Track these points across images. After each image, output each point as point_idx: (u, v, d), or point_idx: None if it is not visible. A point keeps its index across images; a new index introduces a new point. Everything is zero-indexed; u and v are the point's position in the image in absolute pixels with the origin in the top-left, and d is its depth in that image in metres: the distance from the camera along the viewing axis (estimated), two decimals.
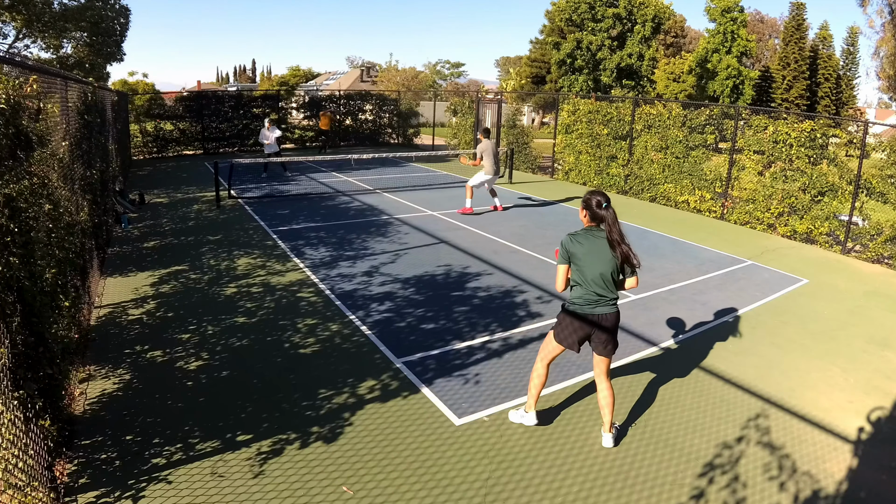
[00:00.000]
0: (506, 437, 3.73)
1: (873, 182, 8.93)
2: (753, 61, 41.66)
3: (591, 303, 3.48)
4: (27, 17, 13.11)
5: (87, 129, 6.23)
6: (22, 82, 3.30)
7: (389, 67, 50.72)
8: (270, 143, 13.92)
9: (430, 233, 9.03)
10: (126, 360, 4.55)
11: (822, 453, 3.73)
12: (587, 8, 31.12)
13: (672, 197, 12.12)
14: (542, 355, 3.75)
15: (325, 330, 5.26)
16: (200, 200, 11.24)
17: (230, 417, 3.81)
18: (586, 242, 3.46)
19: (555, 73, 34.47)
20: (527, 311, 5.87)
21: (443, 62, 49.67)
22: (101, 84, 11.54)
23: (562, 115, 15.23)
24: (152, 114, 18.47)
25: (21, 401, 2.67)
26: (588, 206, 3.48)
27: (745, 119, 11.02)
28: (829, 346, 5.41)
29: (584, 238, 3.48)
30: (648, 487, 3.32)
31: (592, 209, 3.46)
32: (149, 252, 7.62)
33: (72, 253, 4.29)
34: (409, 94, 28.16)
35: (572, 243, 3.49)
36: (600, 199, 3.43)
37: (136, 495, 3.05)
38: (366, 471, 3.35)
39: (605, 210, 3.42)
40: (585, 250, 3.45)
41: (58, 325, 3.50)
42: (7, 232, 2.73)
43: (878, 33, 26.65)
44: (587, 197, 3.50)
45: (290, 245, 8.09)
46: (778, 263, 8.19)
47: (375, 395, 4.17)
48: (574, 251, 3.48)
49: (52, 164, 3.98)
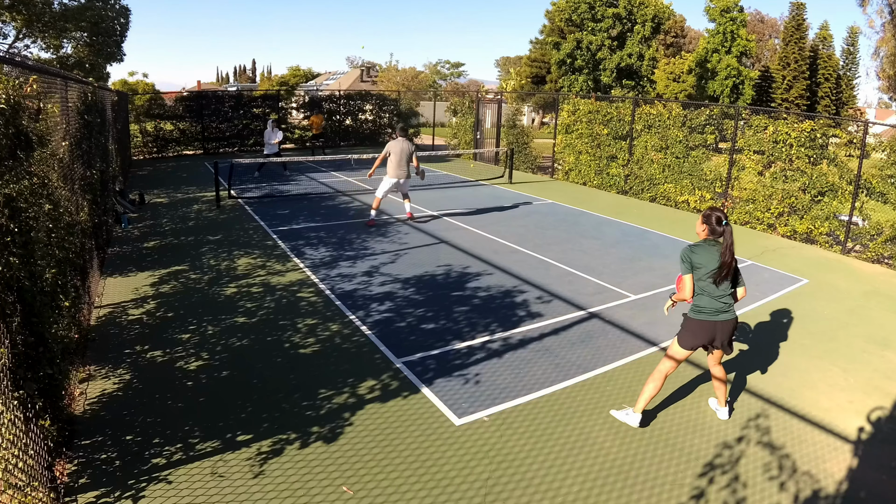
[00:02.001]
0: (506, 437, 3.73)
1: (873, 182, 8.93)
2: (753, 61, 41.65)
3: (716, 311, 3.75)
4: (27, 17, 13.11)
5: (87, 129, 6.23)
6: (22, 82, 3.30)
7: (389, 67, 50.69)
8: (272, 145, 13.91)
9: (430, 233, 9.03)
10: (126, 360, 4.55)
11: (822, 453, 3.73)
12: (587, 8, 31.11)
13: (672, 197, 12.12)
14: (664, 367, 3.90)
15: (325, 330, 5.26)
16: (200, 200, 11.24)
17: (230, 417, 3.81)
18: (707, 254, 3.73)
19: (555, 73, 34.46)
20: (527, 311, 5.87)
21: (443, 62, 49.67)
22: (101, 84, 11.54)
23: (562, 115, 15.23)
24: (152, 114, 18.45)
25: (21, 401, 2.67)
26: (708, 221, 3.76)
27: (745, 119, 11.01)
28: (829, 346, 5.41)
29: (705, 250, 3.75)
30: (648, 487, 3.32)
31: (712, 224, 3.74)
32: (149, 252, 7.62)
33: (72, 253, 4.29)
34: (409, 94, 28.15)
35: (694, 254, 3.76)
36: (720, 216, 3.72)
37: (136, 495, 3.05)
38: (366, 471, 3.35)
39: (724, 226, 3.70)
40: (707, 262, 3.72)
41: (58, 325, 3.50)
42: (7, 232, 2.73)
43: (878, 33, 26.67)
44: (707, 213, 3.78)
45: (290, 245, 8.09)
46: (778, 263, 8.19)
47: (375, 395, 4.17)
48: (697, 262, 3.74)
49: (52, 164, 3.98)
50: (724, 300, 3.74)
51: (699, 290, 3.76)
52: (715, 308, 3.73)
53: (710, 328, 3.76)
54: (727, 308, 3.76)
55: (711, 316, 3.74)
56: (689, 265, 3.75)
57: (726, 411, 4.13)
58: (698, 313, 3.78)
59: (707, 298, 3.74)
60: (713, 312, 3.74)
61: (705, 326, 3.76)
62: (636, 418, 3.94)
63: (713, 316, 3.74)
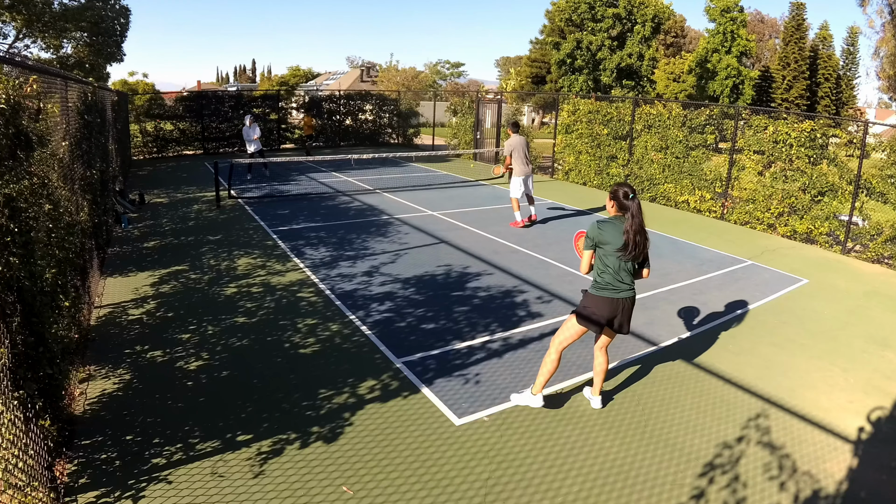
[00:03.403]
0: (506, 437, 3.73)
1: (873, 182, 8.93)
2: (753, 61, 41.66)
3: (616, 288, 3.75)
4: (27, 17, 13.11)
5: (87, 129, 6.23)
6: (22, 82, 3.30)
7: (389, 67, 50.66)
8: (253, 141, 13.73)
9: (430, 233, 9.03)
10: (126, 360, 4.55)
11: (822, 453, 3.73)
12: (587, 8, 31.11)
13: (672, 197, 12.12)
14: (559, 341, 3.89)
15: (325, 330, 5.26)
16: (200, 200, 11.24)
17: (230, 417, 3.81)
18: (613, 230, 3.73)
19: (555, 73, 34.47)
20: (527, 311, 5.87)
21: (443, 62, 49.69)
22: (101, 84, 11.54)
23: (562, 115, 15.23)
24: (152, 114, 18.46)
25: (21, 401, 2.67)
26: (615, 196, 3.76)
27: (745, 119, 11.01)
28: (829, 346, 5.41)
29: (611, 226, 3.75)
30: (648, 487, 3.32)
31: (619, 199, 3.74)
32: (149, 252, 7.62)
33: (72, 253, 4.29)
34: (409, 94, 28.15)
35: (600, 231, 3.75)
36: (627, 191, 3.71)
37: (136, 495, 3.05)
38: (366, 471, 3.35)
39: (631, 201, 3.69)
40: (611, 238, 3.71)
41: (58, 325, 3.50)
42: (7, 232, 2.73)
43: (878, 33, 26.65)
44: (615, 188, 3.77)
45: (290, 245, 8.09)
46: (778, 263, 8.19)
47: (375, 395, 4.17)
48: (600, 238, 3.74)
49: (52, 164, 3.98)
50: (627, 279, 3.75)
51: (602, 267, 3.77)
52: (617, 286, 3.74)
53: (611, 305, 3.76)
54: (630, 287, 3.78)
55: (613, 293, 3.75)
56: (591, 242, 3.77)
57: (599, 400, 4.13)
58: (601, 290, 3.78)
59: (610, 275, 3.74)
60: (615, 290, 3.74)
61: (607, 303, 3.76)
62: (538, 399, 3.96)
63: (615, 293, 3.75)
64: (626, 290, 3.77)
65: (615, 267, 3.72)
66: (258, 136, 13.76)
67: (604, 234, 3.72)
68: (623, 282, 3.75)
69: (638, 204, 3.69)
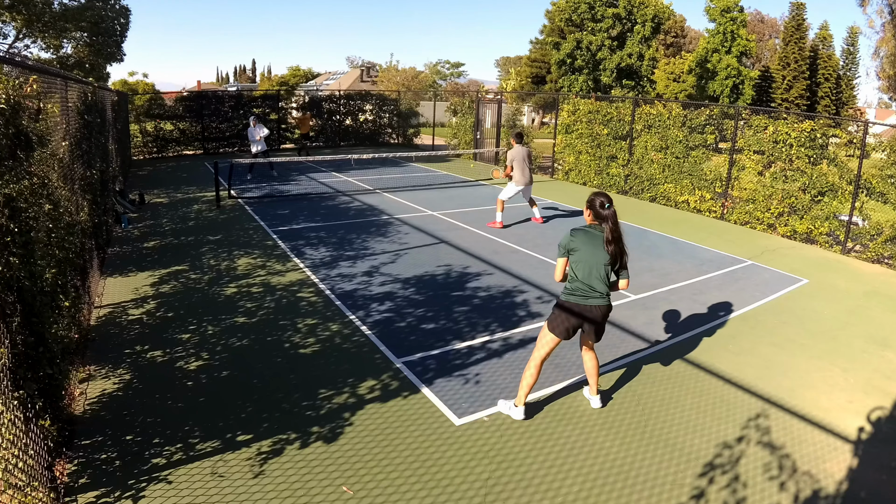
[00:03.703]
0: (506, 437, 3.73)
1: (873, 182, 8.93)
2: (753, 61, 41.66)
3: (585, 295, 3.73)
4: (27, 17, 13.11)
5: (87, 129, 6.23)
6: (22, 82, 3.30)
7: (389, 67, 50.66)
8: (257, 142, 13.75)
9: (431, 233, 9.04)
10: (126, 360, 4.55)
11: (822, 453, 3.73)
12: (587, 8, 31.12)
13: (672, 197, 12.12)
14: (537, 353, 3.88)
15: (325, 330, 5.26)
16: (200, 200, 11.24)
17: (230, 417, 3.81)
18: (585, 238, 3.73)
19: (555, 73, 34.47)
20: (527, 311, 5.87)
21: (443, 62, 49.70)
22: (101, 84, 11.54)
23: (562, 115, 15.23)
24: (152, 114, 18.45)
25: (21, 401, 2.67)
26: (592, 205, 3.76)
27: (745, 119, 11.02)
28: (829, 346, 5.41)
29: (584, 234, 3.75)
30: (648, 487, 3.32)
31: (595, 209, 3.74)
32: (149, 252, 7.62)
33: (72, 253, 4.29)
34: (409, 94, 28.15)
35: (572, 239, 3.76)
36: (603, 200, 3.70)
37: (136, 495, 3.05)
38: (366, 471, 3.35)
39: (607, 210, 3.68)
40: (582, 245, 3.72)
41: (58, 325, 3.50)
42: (7, 232, 2.73)
43: (878, 33, 26.64)
44: (591, 197, 3.77)
45: (290, 245, 8.09)
46: (778, 263, 8.19)
47: (375, 395, 4.17)
48: (572, 246, 3.76)
49: (52, 164, 3.98)
50: (599, 286, 3.71)
51: (572, 275, 3.76)
52: (586, 293, 3.72)
53: (579, 311, 3.74)
54: (601, 295, 3.73)
55: (582, 300, 3.73)
56: (563, 250, 3.77)
57: (598, 399, 4.14)
58: (569, 295, 3.77)
59: (580, 282, 3.73)
60: (584, 296, 3.72)
61: (575, 308, 3.74)
62: (519, 412, 3.92)
63: (584, 300, 3.72)
64: (596, 297, 3.73)
65: (585, 274, 3.71)
66: (264, 136, 13.80)
67: (575, 242, 3.73)
68: (594, 289, 3.72)
69: (614, 213, 3.69)
